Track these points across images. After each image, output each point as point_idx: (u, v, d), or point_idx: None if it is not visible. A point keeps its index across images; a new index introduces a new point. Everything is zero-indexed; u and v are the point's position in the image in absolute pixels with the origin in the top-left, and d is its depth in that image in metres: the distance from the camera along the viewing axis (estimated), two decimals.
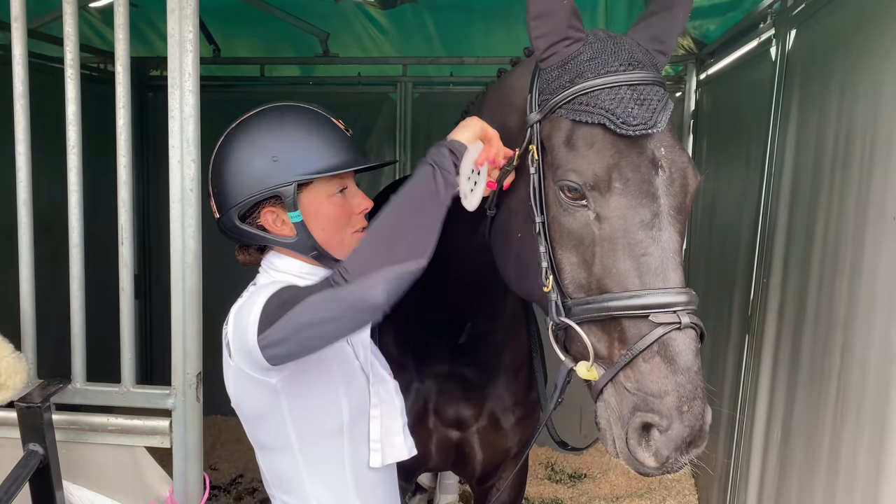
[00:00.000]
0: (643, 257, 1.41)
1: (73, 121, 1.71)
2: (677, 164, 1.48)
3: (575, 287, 1.51)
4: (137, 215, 5.41)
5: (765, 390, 3.10)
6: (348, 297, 1.38)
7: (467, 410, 2.50)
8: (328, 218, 1.65)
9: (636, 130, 1.42)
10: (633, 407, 1.37)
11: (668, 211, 1.44)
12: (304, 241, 1.66)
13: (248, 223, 1.66)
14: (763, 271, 3.19)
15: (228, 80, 5.40)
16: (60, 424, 1.77)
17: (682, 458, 1.35)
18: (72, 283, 1.77)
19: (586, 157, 1.46)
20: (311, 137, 1.62)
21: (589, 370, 1.45)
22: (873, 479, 2.09)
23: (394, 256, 1.40)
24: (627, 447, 1.39)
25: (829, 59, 2.62)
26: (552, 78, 1.55)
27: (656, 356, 1.36)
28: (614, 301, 1.41)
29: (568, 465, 4.98)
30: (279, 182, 1.59)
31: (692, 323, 1.38)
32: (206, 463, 4.87)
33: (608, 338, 1.44)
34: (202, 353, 1.80)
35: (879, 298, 2.12)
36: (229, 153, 1.64)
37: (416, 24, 4.64)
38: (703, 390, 1.36)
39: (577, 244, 1.50)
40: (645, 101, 1.44)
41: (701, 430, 1.35)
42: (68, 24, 1.69)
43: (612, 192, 1.44)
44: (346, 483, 1.72)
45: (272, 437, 1.68)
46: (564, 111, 1.50)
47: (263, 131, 1.62)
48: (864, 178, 2.28)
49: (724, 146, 4.14)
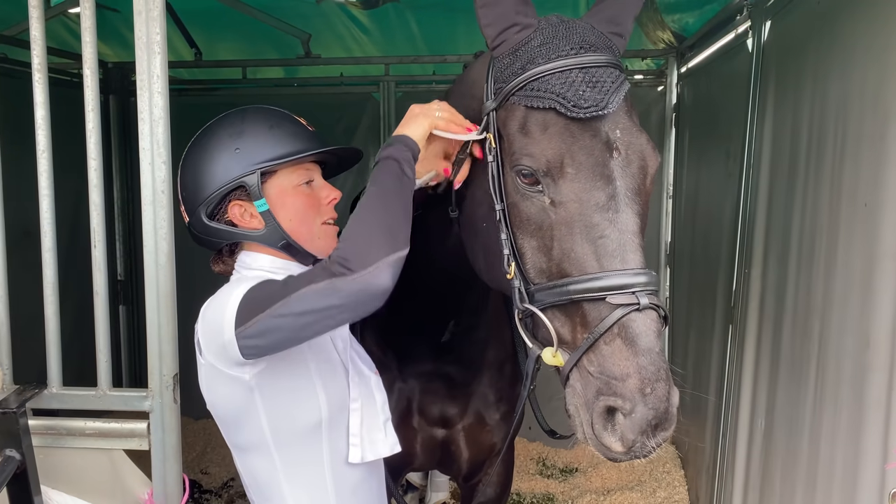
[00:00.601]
0: (600, 240, 1.41)
1: (42, 125, 1.71)
2: (634, 146, 1.48)
3: (536, 273, 1.51)
4: (123, 219, 5.40)
5: (748, 380, 3.12)
6: (353, 286, 1.37)
7: (452, 408, 2.50)
8: (295, 208, 1.67)
9: (587, 113, 1.42)
10: (597, 391, 1.37)
11: (625, 193, 1.44)
12: (273, 232, 1.67)
13: (217, 220, 1.68)
14: (744, 262, 3.21)
15: (210, 84, 5.40)
16: (38, 429, 1.77)
17: (650, 442, 1.34)
18: (45, 287, 1.77)
19: (539, 142, 1.47)
20: (272, 129, 1.66)
21: (554, 356, 1.45)
22: (852, 465, 2.11)
23: (395, 242, 1.42)
24: (594, 432, 1.39)
25: (803, 50, 2.64)
26: (505, 65, 1.56)
27: (617, 338, 1.35)
28: (573, 285, 1.41)
29: (559, 459, 4.99)
30: (242, 172, 1.62)
31: (651, 304, 1.37)
32: (197, 467, 4.88)
33: (571, 322, 1.45)
34: (178, 355, 1.79)
35: (854, 285, 2.14)
36: (194, 156, 1.67)
37: (398, 24, 4.64)
38: (667, 372, 1.35)
39: (535, 230, 1.50)
40: (598, 83, 1.44)
41: (667, 413, 1.34)
42: (35, 29, 1.69)
43: (565, 176, 1.45)
44: (324, 484, 1.71)
45: (247, 436, 1.67)
46: (518, 98, 1.51)
47: (226, 130, 1.66)
48: (836, 167, 2.30)
49: (705, 138, 4.16)
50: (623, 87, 1.47)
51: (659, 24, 4.33)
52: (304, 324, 1.43)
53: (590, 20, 1.61)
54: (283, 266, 1.70)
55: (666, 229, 4.93)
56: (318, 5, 4.32)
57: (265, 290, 1.48)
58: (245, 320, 1.46)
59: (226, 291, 1.56)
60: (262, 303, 1.45)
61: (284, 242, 1.68)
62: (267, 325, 1.45)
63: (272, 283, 1.49)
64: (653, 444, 1.34)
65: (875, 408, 2.00)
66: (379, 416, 1.82)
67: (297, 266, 1.73)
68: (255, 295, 1.48)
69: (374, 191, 1.48)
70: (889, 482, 1.89)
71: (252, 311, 1.46)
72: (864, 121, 2.12)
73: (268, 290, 1.48)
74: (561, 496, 4.56)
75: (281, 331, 1.45)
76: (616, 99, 1.44)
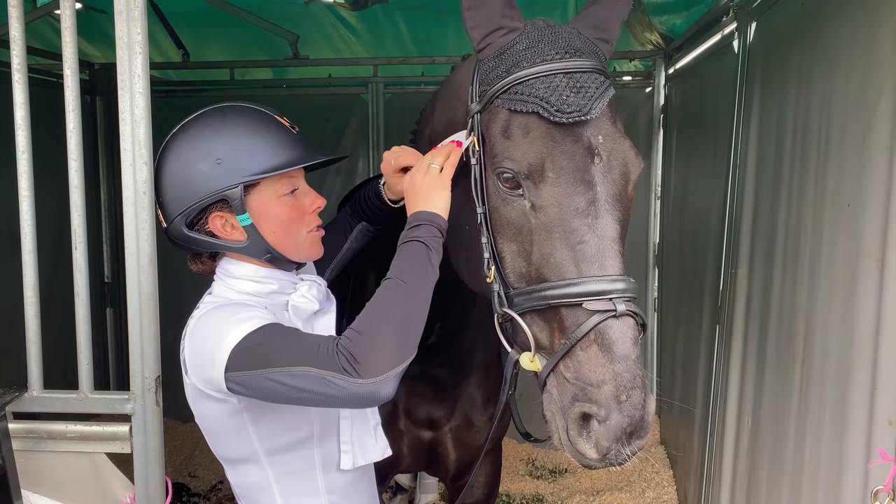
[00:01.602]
0: (579, 245, 1.41)
1: (23, 125, 1.69)
2: (616, 152, 1.48)
3: (516, 277, 1.51)
4: (109, 222, 5.36)
5: (735, 380, 3.13)
6: (355, 389, 1.36)
7: (439, 411, 2.49)
8: (279, 219, 1.62)
9: (570, 118, 1.42)
10: (573, 397, 1.37)
11: (605, 198, 1.44)
12: (257, 245, 1.62)
13: (197, 230, 1.62)
14: (731, 262, 3.22)
15: (198, 85, 5.38)
16: (18, 433, 1.75)
17: (625, 450, 1.33)
18: (25, 290, 1.75)
19: (521, 145, 1.47)
20: (255, 137, 1.58)
21: (532, 361, 1.45)
22: (836, 463, 2.11)
23: (406, 350, 1.41)
24: (569, 439, 1.39)
25: (787, 51, 2.66)
26: (489, 69, 1.56)
27: (593, 345, 1.35)
28: (551, 290, 1.41)
29: (548, 460, 4.99)
30: (224, 185, 1.55)
31: (629, 311, 1.37)
32: (185, 470, 4.85)
33: (549, 328, 1.44)
34: (161, 358, 1.78)
35: (837, 285, 2.15)
36: (171, 159, 1.60)
37: (387, 25, 4.63)
38: (643, 379, 1.34)
39: (515, 234, 1.50)
40: (581, 88, 1.44)
41: (642, 421, 1.33)
42: (14, 28, 1.67)
43: (546, 181, 1.44)
44: (317, 489, 1.71)
45: (237, 451, 1.67)
46: (501, 101, 1.51)
47: (204, 133, 1.58)
48: (820, 167, 2.31)
49: (693, 140, 4.17)
50: (607, 94, 1.47)
51: (647, 26, 4.35)
52: (296, 397, 1.43)
53: (576, 25, 1.61)
54: (267, 275, 1.67)
55: (654, 230, 4.94)
56: (306, 6, 4.31)
57: (266, 346, 1.44)
58: (238, 368, 1.44)
59: (215, 318, 1.52)
60: (260, 359, 1.43)
61: (269, 256, 1.64)
62: (258, 384, 1.44)
63: (274, 336, 1.46)
64: (627, 451, 1.34)
65: (858, 407, 2.00)
66: (369, 422, 1.82)
67: (282, 273, 1.69)
68: (254, 345, 1.45)
69: (401, 285, 1.46)
70: (872, 481, 1.90)
71: (248, 362, 1.44)
72: (847, 121, 2.13)
73: (269, 346, 1.44)
74: (550, 497, 4.56)
75: (271, 392, 1.44)
76: (600, 105, 1.44)
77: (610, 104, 1.51)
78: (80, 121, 1.70)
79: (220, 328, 1.50)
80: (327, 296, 1.80)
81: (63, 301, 1.76)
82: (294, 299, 1.67)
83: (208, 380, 1.52)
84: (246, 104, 1.66)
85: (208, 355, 1.49)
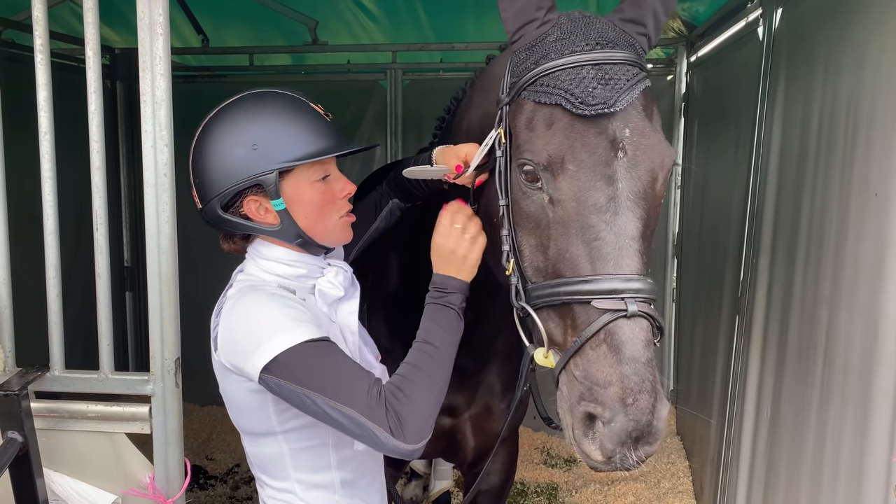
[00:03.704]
0: (595, 242, 1.37)
1: (45, 107, 1.70)
2: (643, 147, 1.43)
3: (534, 271, 1.50)
4: (129, 207, 5.41)
5: (755, 370, 3.10)
6: (395, 448, 1.45)
7: (460, 398, 2.49)
8: (311, 204, 1.65)
9: (594, 110, 1.38)
10: (580, 396, 1.34)
11: (626, 195, 1.39)
12: (289, 229, 1.65)
13: (232, 212, 1.65)
14: (752, 252, 3.19)
15: (217, 71, 5.39)
16: (40, 412, 1.77)
17: (631, 455, 1.29)
18: (47, 270, 1.76)
19: (542, 138, 1.44)
20: (290, 123, 1.59)
21: (546, 357, 1.44)
22: (858, 456, 2.09)
23: (437, 412, 1.53)
24: (574, 437, 1.36)
25: (814, 38, 2.61)
26: (520, 60, 1.54)
27: (603, 344, 1.32)
28: (564, 286, 1.39)
29: (563, 449, 4.98)
30: (260, 170, 1.57)
31: (641, 312, 1.33)
32: (203, 453, 4.90)
33: (563, 324, 1.42)
34: (181, 340, 1.79)
35: (863, 275, 2.12)
36: (209, 142, 1.62)
37: (406, 11, 4.61)
38: (654, 384, 1.29)
39: (534, 228, 1.48)
40: (610, 80, 1.40)
41: (649, 426, 1.28)
42: (37, 10, 1.67)
43: (565, 174, 1.41)
44: (328, 463, 1.74)
45: (256, 425, 1.70)
46: (528, 93, 1.49)
47: (242, 119, 1.59)
48: (847, 156, 2.27)
49: (714, 128, 4.12)
50: (638, 86, 1.42)
51: None
52: (327, 422, 1.50)
53: (615, 17, 1.58)
54: (297, 258, 1.70)
55: (674, 219, 4.90)
56: None
57: (314, 367, 1.49)
58: (278, 375, 1.48)
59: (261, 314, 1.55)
60: (305, 377, 1.47)
61: (300, 241, 1.68)
62: (295, 397, 1.50)
63: (321, 358, 1.51)
64: (635, 457, 1.30)
65: (882, 399, 1.98)
66: None
67: (312, 258, 1.73)
68: (300, 360, 1.48)
69: (441, 355, 1.57)
70: (895, 474, 1.87)
71: (290, 374, 1.48)
72: (877, 109, 2.09)
73: (317, 368, 1.49)
74: (565, 486, 4.56)
75: (304, 407, 1.50)
76: (628, 97, 1.40)
77: (644, 97, 1.47)
78: (102, 102, 1.70)
79: (264, 326, 1.53)
80: (352, 281, 1.83)
81: (82, 285, 1.78)
82: (321, 284, 1.71)
83: (239, 368, 1.56)
84: (282, 90, 1.67)
85: (246, 349, 1.52)
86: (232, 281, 1.73)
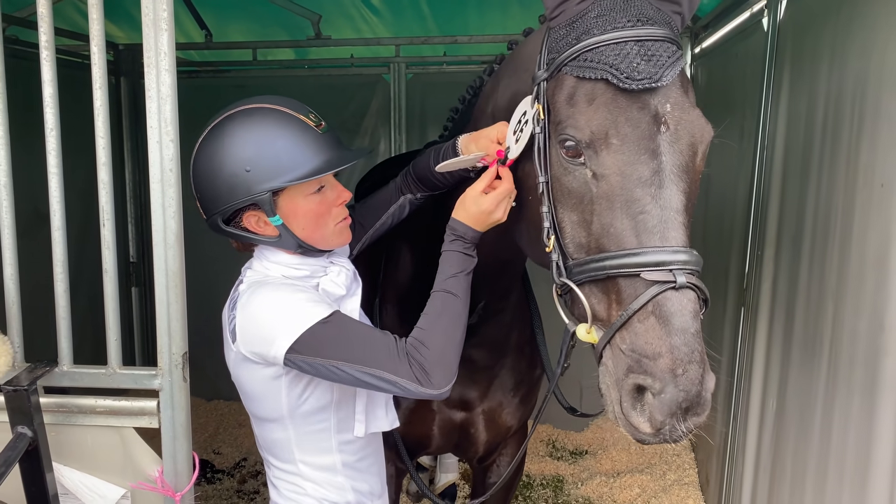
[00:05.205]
0: (640, 215, 1.37)
1: (51, 102, 1.70)
2: (684, 122, 1.43)
3: (575, 247, 1.49)
4: (134, 202, 5.42)
5: (760, 362, 3.10)
6: (426, 393, 1.59)
7: (472, 391, 2.49)
8: (307, 217, 1.71)
9: (640, 84, 1.38)
10: (628, 369, 1.34)
11: (670, 168, 1.40)
12: (288, 240, 1.73)
13: (233, 226, 1.73)
14: (757, 244, 3.18)
15: (221, 65, 5.37)
16: (49, 407, 1.78)
17: (680, 426, 1.29)
18: (55, 265, 1.77)
19: (585, 112, 1.43)
20: (278, 143, 1.63)
21: (589, 332, 1.43)
22: (864, 448, 2.09)
23: (459, 359, 1.65)
24: (622, 411, 1.36)
25: (819, 29, 2.59)
26: (560, 36, 1.53)
27: (651, 316, 1.32)
28: (610, 260, 1.38)
29: (569, 441, 4.99)
30: (254, 192, 1.64)
31: (689, 283, 1.33)
32: (210, 447, 4.92)
33: (607, 299, 1.42)
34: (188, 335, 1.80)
35: (868, 267, 2.11)
36: (204, 163, 1.68)
37: (409, 5, 4.60)
38: (702, 354, 1.30)
39: (576, 203, 1.48)
40: (652, 56, 1.40)
41: (699, 397, 1.29)
42: (42, 6, 1.67)
43: (609, 149, 1.41)
44: (331, 447, 1.84)
45: (267, 411, 1.79)
46: (569, 68, 1.48)
47: (233, 139, 1.64)
48: (852, 147, 2.26)
49: (719, 119, 4.06)
50: (679, 63, 1.42)
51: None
52: (358, 385, 1.63)
53: None
54: (299, 262, 1.78)
55: None
56: None
57: (336, 339, 1.60)
58: (304, 352, 1.59)
59: (278, 301, 1.65)
60: (330, 349, 1.58)
61: (301, 249, 1.76)
62: (323, 370, 1.60)
63: (342, 328, 1.62)
64: (683, 428, 1.30)
65: (889, 391, 1.98)
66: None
67: (314, 260, 1.80)
68: (323, 335, 1.59)
69: (456, 302, 1.66)
70: None
71: (316, 349, 1.58)
72: (882, 100, 2.08)
73: (339, 339, 1.60)
74: (571, 478, 4.57)
75: (333, 377, 1.62)
76: (671, 73, 1.40)
77: (681, 74, 1.47)
78: (107, 98, 1.71)
79: (282, 312, 1.62)
80: (354, 277, 1.90)
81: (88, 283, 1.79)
82: (324, 283, 1.79)
83: (262, 354, 1.64)
84: (271, 105, 1.68)
85: (268, 335, 1.61)
86: (242, 276, 1.82)
